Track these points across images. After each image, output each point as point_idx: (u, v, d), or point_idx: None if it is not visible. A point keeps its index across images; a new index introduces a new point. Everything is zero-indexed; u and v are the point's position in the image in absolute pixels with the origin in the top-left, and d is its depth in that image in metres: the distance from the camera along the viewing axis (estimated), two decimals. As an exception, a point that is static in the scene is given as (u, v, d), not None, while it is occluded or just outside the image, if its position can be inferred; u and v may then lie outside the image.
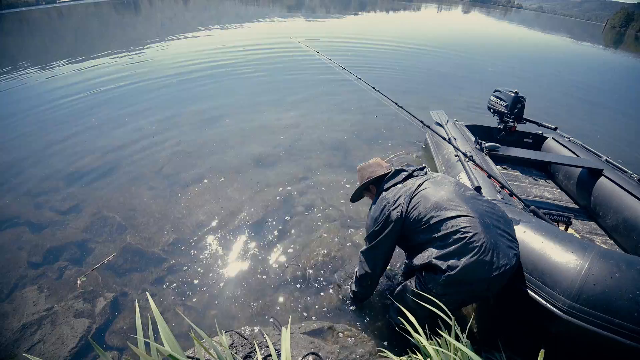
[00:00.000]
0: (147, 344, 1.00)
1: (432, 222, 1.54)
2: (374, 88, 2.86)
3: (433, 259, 1.50)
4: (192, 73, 7.17)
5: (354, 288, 2.08)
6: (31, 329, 2.03)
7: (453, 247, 1.45)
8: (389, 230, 1.67)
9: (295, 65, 8.23)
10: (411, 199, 1.63)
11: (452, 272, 1.44)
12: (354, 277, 2.05)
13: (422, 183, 1.69)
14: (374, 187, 1.92)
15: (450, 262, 1.45)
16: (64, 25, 14.65)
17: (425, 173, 1.82)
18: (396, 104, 2.66)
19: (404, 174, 1.79)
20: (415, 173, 1.81)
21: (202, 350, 1.37)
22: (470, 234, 1.44)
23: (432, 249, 1.53)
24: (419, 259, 1.58)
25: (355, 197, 2.04)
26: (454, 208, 1.53)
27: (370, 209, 1.81)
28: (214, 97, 5.91)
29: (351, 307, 2.13)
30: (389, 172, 1.85)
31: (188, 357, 1.33)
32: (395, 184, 1.76)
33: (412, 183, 1.71)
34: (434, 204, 1.56)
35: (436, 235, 1.52)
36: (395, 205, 1.65)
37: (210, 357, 1.23)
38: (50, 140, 4.25)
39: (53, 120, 4.78)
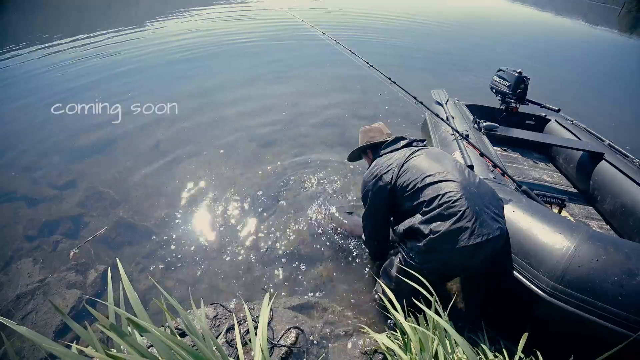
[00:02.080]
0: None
1: (418, 186, 1.56)
2: (367, 63, 2.78)
3: (417, 223, 1.51)
4: (192, 49, 7.03)
5: (367, 249, 2.24)
6: (25, 299, 2.08)
7: (436, 211, 1.46)
8: (379, 193, 1.70)
9: (294, 42, 8.04)
10: (403, 164, 1.65)
11: (434, 236, 1.45)
12: (363, 239, 2.14)
13: (417, 151, 1.72)
14: (370, 152, 1.96)
15: (433, 225, 1.46)
16: (66, 1, 14.41)
17: (425, 146, 1.83)
18: (389, 79, 2.59)
19: (402, 142, 1.82)
20: (414, 143, 1.83)
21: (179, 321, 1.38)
22: (454, 199, 1.44)
23: (418, 214, 1.55)
24: (403, 224, 1.61)
25: (352, 158, 2.11)
26: (441, 174, 1.54)
27: (365, 173, 1.84)
28: (212, 73, 5.84)
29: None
30: (388, 139, 1.88)
31: (165, 326, 1.35)
32: (392, 151, 1.79)
33: (408, 150, 1.74)
34: (422, 170, 1.59)
35: (421, 199, 1.53)
36: (387, 169, 1.68)
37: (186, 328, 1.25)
38: (48, 116, 4.22)
39: (52, 97, 4.73)
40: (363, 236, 2.10)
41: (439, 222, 1.45)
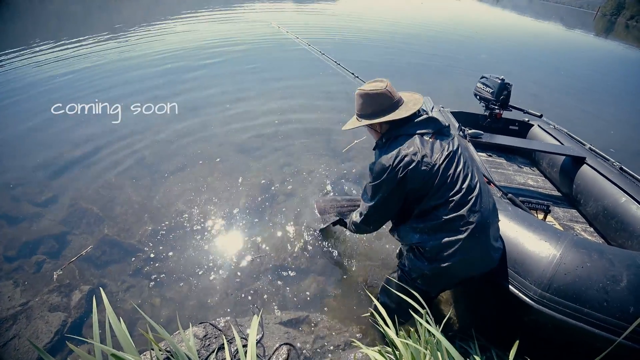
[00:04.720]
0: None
1: (441, 199, 1.39)
2: (353, 74, 2.81)
3: (427, 243, 1.43)
4: (175, 59, 6.97)
5: (352, 227, 1.80)
6: (6, 324, 1.99)
7: (453, 237, 1.38)
8: (398, 187, 1.42)
9: (278, 52, 8.04)
10: (435, 165, 1.38)
11: (444, 265, 1.41)
12: (357, 216, 1.72)
13: (452, 155, 1.42)
14: (386, 124, 1.54)
15: (444, 253, 1.40)
16: (46, 9, 14.14)
17: (453, 138, 1.50)
18: None
19: (432, 128, 1.47)
20: (444, 131, 1.50)
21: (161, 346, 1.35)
22: (470, 232, 1.36)
23: (428, 230, 1.44)
24: (412, 238, 1.49)
25: (350, 126, 1.66)
26: (467, 196, 1.38)
27: (381, 153, 1.46)
28: (195, 84, 5.77)
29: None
30: (419, 115, 1.49)
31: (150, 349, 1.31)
32: (422, 134, 1.44)
33: (442, 146, 1.42)
34: (452, 183, 1.39)
35: (438, 214, 1.40)
36: (421, 167, 1.38)
37: (172, 355, 1.22)
38: (27, 129, 4.11)
39: (30, 110, 4.61)
40: (356, 216, 1.74)
41: (449, 251, 1.39)
